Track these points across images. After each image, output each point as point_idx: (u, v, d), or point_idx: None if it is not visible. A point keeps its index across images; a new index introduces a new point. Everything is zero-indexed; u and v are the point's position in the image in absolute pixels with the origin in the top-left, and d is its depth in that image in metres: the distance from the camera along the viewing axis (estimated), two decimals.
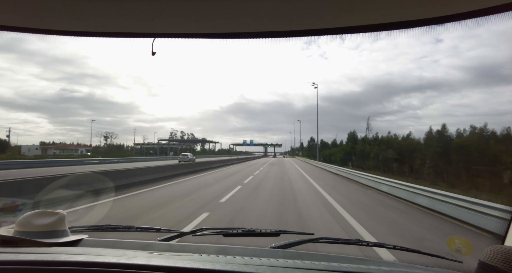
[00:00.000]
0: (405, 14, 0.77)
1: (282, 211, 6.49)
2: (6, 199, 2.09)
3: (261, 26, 0.88)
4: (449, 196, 6.44)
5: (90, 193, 7.53)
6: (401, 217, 6.39)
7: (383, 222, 5.89)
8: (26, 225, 1.05)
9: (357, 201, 8.52)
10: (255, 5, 0.75)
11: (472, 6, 0.72)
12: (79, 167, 19.65)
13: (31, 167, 19.88)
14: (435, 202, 6.76)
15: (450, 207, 6.14)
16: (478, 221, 5.18)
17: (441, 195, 6.73)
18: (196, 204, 7.02)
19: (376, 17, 0.79)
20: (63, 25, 0.89)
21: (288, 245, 1.15)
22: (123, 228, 1.33)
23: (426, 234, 4.99)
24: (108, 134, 79.46)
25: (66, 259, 0.84)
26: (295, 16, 0.81)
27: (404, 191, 8.57)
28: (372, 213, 6.80)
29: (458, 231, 5.24)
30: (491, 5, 0.72)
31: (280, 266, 0.84)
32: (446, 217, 6.08)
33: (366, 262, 0.98)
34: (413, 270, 0.91)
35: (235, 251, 1.01)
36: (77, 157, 42.70)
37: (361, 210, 6.97)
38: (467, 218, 5.53)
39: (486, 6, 0.72)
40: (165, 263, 0.82)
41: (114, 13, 0.82)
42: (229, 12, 0.79)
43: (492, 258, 0.52)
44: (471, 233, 5.00)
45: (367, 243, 1.23)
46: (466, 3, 0.72)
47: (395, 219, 6.18)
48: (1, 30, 0.89)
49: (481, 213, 5.16)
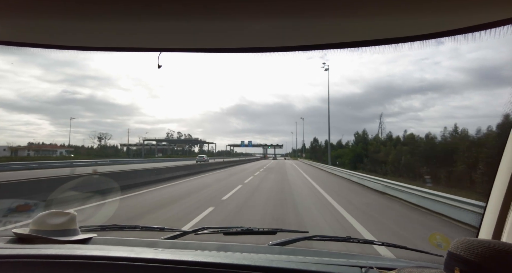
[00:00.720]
0: (406, 29, 0.82)
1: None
2: (19, 200, 2.14)
3: (261, 42, 0.95)
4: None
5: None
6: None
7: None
8: (40, 224, 1.14)
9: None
10: (253, 23, 0.81)
11: (472, 21, 0.75)
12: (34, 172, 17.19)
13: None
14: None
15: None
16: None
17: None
18: None
19: (379, 32, 0.84)
20: (76, 41, 0.95)
21: (285, 242, 1.25)
22: (129, 227, 1.42)
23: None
24: (102, 135, 76.80)
25: (82, 254, 0.94)
26: (295, 33, 0.88)
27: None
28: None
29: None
30: (491, 20, 0.74)
31: (275, 260, 0.94)
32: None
33: (354, 257, 1.07)
34: (397, 263, 1.01)
35: (234, 248, 1.10)
36: (54, 159, 38.96)
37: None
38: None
39: (486, 21, 0.75)
40: (171, 257, 0.92)
41: (124, 30, 0.87)
42: (230, 29, 0.86)
43: (457, 248, 0.61)
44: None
45: (358, 240, 1.33)
46: (468, 18, 0.75)
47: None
48: (16, 45, 0.92)
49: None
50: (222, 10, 0.73)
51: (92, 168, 16.48)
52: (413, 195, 8.08)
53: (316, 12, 0.73)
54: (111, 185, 9.73)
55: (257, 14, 0.75)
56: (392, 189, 9.56)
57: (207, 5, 0.71)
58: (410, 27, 0.80)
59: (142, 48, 0.98)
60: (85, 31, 0.87)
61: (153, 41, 0.96)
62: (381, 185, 10.77)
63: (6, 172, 18.29)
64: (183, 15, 0.76)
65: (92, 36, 0.91)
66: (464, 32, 0.79)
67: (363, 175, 14.21)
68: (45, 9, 0.73)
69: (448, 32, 0.80)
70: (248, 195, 9.21)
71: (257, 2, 0.69)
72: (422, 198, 7.53)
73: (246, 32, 0.88)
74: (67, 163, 28.92)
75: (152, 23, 0.81)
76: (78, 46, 0.95)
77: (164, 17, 0.77)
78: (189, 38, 0.94)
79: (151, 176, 13.14)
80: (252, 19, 0.78)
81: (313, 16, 0.75)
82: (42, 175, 10.07)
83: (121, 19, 0.78)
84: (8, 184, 6.94)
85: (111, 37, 0.92)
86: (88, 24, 0.81)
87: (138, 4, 0.71)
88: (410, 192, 8.26)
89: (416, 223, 6.06)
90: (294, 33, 0.88)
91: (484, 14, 0.73)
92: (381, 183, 10.91)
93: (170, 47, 0.98)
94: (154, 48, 0.98)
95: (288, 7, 0.71)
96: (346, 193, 10.90)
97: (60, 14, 0.76)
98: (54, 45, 0.92)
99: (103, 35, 0.91)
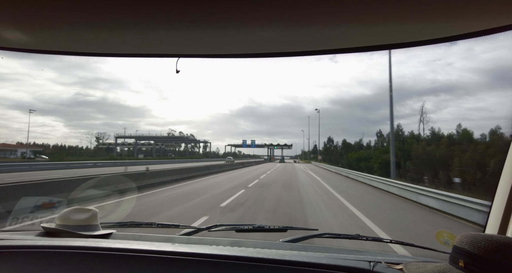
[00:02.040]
0: (418, 34, 0.82)
1: None
2: (44, 198, 2.28)
3: (271, 48, 0.99)
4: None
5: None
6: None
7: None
8: (65, 219, 1.24)
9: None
10: (264, 31, 0.85)
11: (489, 24, 0.74)
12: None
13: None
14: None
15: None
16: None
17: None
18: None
19: (390, 37, 0.85)
20: (97, 49, 1.02)
21: (295, 240, 1.29)
22: (145, 224, 1.50)
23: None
24: (100, 135, 78.30)
25: (106, 246, 1.02)
26: (306, 39, 0.90)
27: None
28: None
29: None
30: (508, 22, 0.73)
31: (287, 254, 0.98)
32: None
33: (363, 252, 1.10)
34: (404, 259, 1.03)
35: (247, 244, 1.15)
36: (11, 160, 35.02)
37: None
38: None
39: (503, 24, 0.74)
40: (189, 250, 0.99)
41: (145, 38, 0.93)
42: (244, 36, 0.90)
43: (461, 242, 0.64)
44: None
45: (366, 237, 1.36)
46: (484, 21, 0.74)
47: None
48: (38, 53, 0.99)
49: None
50: (235, 19, 0.77)
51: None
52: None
53: (327, 19, 0.75)
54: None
55: (268, 22, 0.78)
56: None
57: (222, 15, 0.75)
58: (422, 31, 0.81)
59: (161, 54, 1.05)
60: (107, 40, 0.94)
61: (172, 48, 1.03)
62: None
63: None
64: (200, 24, 0.80)
65: (114, 44, 0.97)
66: (479, 35, 0.79)
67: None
68: (67, 20, 0.79)
69: (462, 36, 0.80)
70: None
71: (269, 11, 0.73)
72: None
73: (258, 39, 0.92)
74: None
75: (172, 31, 0.87)
76: (99, 53, 1.02)
77: (184, 26, 0.82)
78: (205, 45, 0.99)
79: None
80: (264, 27, 0.81)
81: (323, 23, 0.77)
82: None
83: (143, 28, 0.85)
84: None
85: (133, 44, 0.99)
86: (108, 33, 0.88)
87: (159, 15, 0.76)
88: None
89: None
90: (304, 39, 0.91)
91: (500, 17, 0.72)
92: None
93: (187, 53, 1.05)
94: (173, 54, 1.04)
95: (298, 15, 0.73)
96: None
97: (84, 24, 0.81)
98: (76, 52, 1.00)
99: (127, 43, 0.97)
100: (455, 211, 7.15)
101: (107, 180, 10.03)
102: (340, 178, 20.29)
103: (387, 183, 12.71)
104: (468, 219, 6.78)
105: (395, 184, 11.71)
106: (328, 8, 0.70)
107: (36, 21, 0.81)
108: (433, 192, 8.45)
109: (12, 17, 0.79)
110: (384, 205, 9.51)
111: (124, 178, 10.96)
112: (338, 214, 7.17)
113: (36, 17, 0.79)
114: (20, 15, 0.77)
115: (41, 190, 7.33)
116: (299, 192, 11.22)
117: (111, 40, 0.95)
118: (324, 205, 8.46)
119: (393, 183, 12.08)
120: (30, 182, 7.76)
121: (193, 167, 20.93)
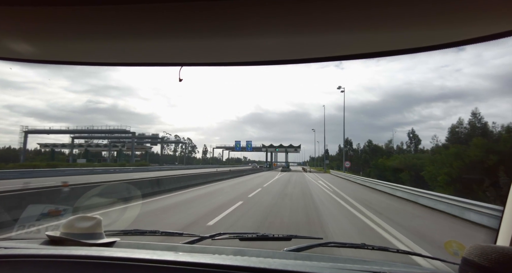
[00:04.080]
0: (425, 40, 0.81)
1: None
2: (51, 205, 2.33)
3: (276, 55, 1.00)
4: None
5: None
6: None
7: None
8: (70, 227, 1.24)
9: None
10: (269, 38, 0.85)
11: (498, 28, 0.73)
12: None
13: None
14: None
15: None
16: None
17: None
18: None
19: (397, 43, 0.85)
20: (104, 58, 1.03)
21: (300, 249, 1.27)
22: (149, 232, 1.51)
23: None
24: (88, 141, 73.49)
25: (109, 255, 1.02)
26: (310, 46, 0.91)
27: None
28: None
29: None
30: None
31: (290, 264, 0.97)
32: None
33: (369, 263, 1.08)
34: (412, 269, 1.01)
35: (251, 253, 1.14)
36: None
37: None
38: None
39: (509, 29, 0.72)
40: (191, 260, 0.98)
41: (149, 48, 0.95)
42: (247, 44, 0.91)
43: (470, 254, 0.62)
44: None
45: (372, 247, 1.33)
46: (493, 25, 0.72)
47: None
48: (48, 63, 1.02)
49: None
50: (238, 28, 0.78)
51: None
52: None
53: (332, 25, 0.75)
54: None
55: (272, 30, 0.79)
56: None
57: (225, 23, 0.76)
58: (429, 37, 0.80)
59: (164, 63, 1.06)
60: (114, 50, 0.96)
61: (175, 57, 1.04)
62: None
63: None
64: (202, 33, 0.81)
65: (119, 53, 0.99)
66: (488, 39, 0.77)
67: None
68: (75, 31, 0.81)
69: (471, 40, 0.78)
70: None
71: (273, 19, 0.73)
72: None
73: (262, 46, 0.93)
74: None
75: (175, 40, 0.89)
76: (107, 62, 1.04)
77: (186, 35, 0.83)
78: (209, 53, 1.01)
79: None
80: (268, 34, 0.82)
81: (329, 29, 0.77)
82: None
83: (146, 38, 0.86)
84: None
85: (137, 54, 1.01)
86: (115, 43, 0.89)
87: (162, 24, 0.78)
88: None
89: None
90: (309, 46, 0.91)
91: (509, 21, 0.70)
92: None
93: (191, 62, 1.06)
94: (175, 63, 1.06)
95: (303, 22, 0.73)
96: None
97: (93, 35, 0.83)
98: (86, 62, 1.02)
99: (130, 52, 0.99)
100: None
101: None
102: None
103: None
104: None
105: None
106: (333, 15, 0.70)
107: (48, 34, 0.84)
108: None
109: (25, 31, 0.81)
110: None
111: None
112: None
113: (48, 30, 0.81)
114: (33, 28, 0.80)
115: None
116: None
117: (118, 49, 0.97)
118: None
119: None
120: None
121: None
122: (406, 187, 13.24)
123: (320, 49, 0.92)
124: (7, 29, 0.81)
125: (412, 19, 0.70)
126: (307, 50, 0.94)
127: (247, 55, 1.00)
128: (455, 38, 0.79)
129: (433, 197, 10.26)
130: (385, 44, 0.86)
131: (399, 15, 0.69)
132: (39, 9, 0.69)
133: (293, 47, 0.92)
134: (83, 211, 8.14)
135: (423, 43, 0.82)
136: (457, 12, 0.67)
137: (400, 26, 0.74)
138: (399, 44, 0.85)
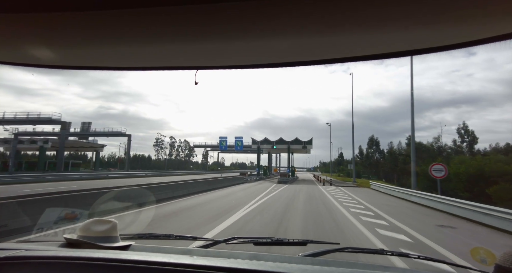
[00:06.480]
0: (434, 40, 0.79)
1: None
2: (67, 209, 2.37)
3: (286, 57, 0.99)
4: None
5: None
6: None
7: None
8: (86, 230, 1.26)
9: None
10: (280, 41, 0.85)
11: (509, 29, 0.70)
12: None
13: None
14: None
15: None
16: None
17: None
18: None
19: (405, 44, 0.83)
20: (120, 63, 1.05)
21: (316, 254, 1.24)
22: (164, 236, 1.51)
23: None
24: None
25: (126, 258, 1.02)
26: (319, 48, 0.90)
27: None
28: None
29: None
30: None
31: (308, 269, 0.94)
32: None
33: (389, 269, 1.04)
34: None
35: (266, 257, 1.11)
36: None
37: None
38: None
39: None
40: (208, 263, 0.98)
41: (165, 51, 0.96)
42: (259, 47, 0.91)
43: (506, 261, 0.59)
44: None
45: (392, 252, 1.28)
46: (504, 25, 0.70)
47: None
48: (66, 68, 1.05)
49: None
50: (253, 30, 0.78)
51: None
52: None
53: (342, 27, 0.74)
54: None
55: (287, 32, 0.79)
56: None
57: (240, 26, 0.76)
58: (440, 37, 0.78)
59: (181, 66, 1.07)
60: (130, 54, 0.97)
61: (191, 60, 1.05)
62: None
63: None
64: (217, 36, 0.82)
65: (136, 57, 1.01)
66: (499, 39, 0.74)
67: None
68: (94, 36, 0.83)
69: (481, 41, 0.76)
70: None
71: (288, 21, 0.73)
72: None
73: (277, 49, 0.92)
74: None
75: (191, 44, 0.90)
76: (123, 67, 1.06)
77: (202, 38, 0.84)
78: (224, 56, 1.01)
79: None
80: (283, 36, 0.82)
81: (338, 31, 0.76)
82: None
83: (163, 41, 0.87)
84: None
85: (154, 58, 1.02)
86: (131, 48, 0.91)
87: (178, 28, 0.78)
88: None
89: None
90: (319, 48, 0.90)
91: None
92: None
93: (206, 65, 1.07)
94: (192, 66, 1.07)
95: (314, 24, 0.73)
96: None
97: (107, 39, 0.85)
98: (101, 67, 1.04)
99: (147, 56, 1.01)
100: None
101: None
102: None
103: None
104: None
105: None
106: (343, 16, 0.70)
107: (64, 39, 0.86)
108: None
109: (43, 37, 0.84)
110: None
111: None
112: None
113: (63, 36, 0.83)
114: (50, 34, 0.82)
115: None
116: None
117: (133, 54, 0.98)
118: None
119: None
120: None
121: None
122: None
123: (331, 50, 0.91)
124: (24, 35, 0.83)
125: (421, 19, 0.69)
126: (319, 51, 0.93)
127: (261, 57, 1.00)
128: (466, 38, 0.77)
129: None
130: (396, 45, 0.84)
131: (413, 14, 0.68)
132: (57, 15, 0.71)
133: (308, 48, 0.91)
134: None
135: (434, 43, 0.80)
136: (467, 11, 0.65)
137: (413, 26, 0.72)
138: (410, 45, 0.83)
